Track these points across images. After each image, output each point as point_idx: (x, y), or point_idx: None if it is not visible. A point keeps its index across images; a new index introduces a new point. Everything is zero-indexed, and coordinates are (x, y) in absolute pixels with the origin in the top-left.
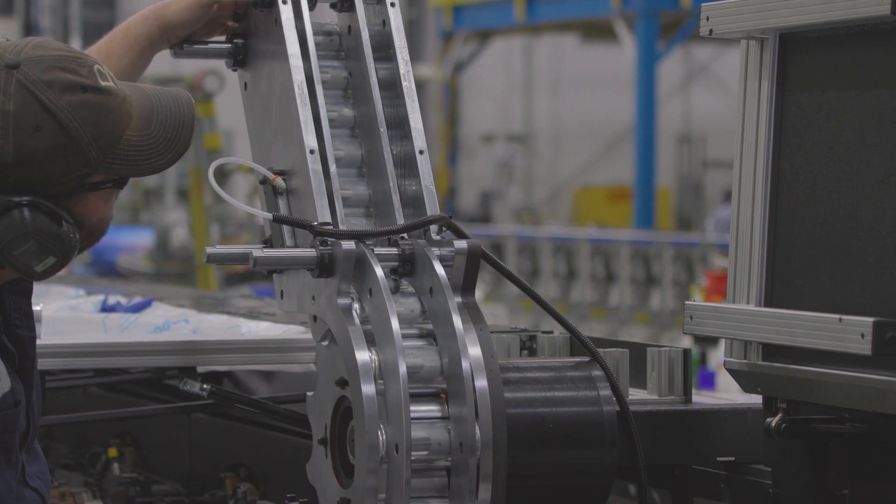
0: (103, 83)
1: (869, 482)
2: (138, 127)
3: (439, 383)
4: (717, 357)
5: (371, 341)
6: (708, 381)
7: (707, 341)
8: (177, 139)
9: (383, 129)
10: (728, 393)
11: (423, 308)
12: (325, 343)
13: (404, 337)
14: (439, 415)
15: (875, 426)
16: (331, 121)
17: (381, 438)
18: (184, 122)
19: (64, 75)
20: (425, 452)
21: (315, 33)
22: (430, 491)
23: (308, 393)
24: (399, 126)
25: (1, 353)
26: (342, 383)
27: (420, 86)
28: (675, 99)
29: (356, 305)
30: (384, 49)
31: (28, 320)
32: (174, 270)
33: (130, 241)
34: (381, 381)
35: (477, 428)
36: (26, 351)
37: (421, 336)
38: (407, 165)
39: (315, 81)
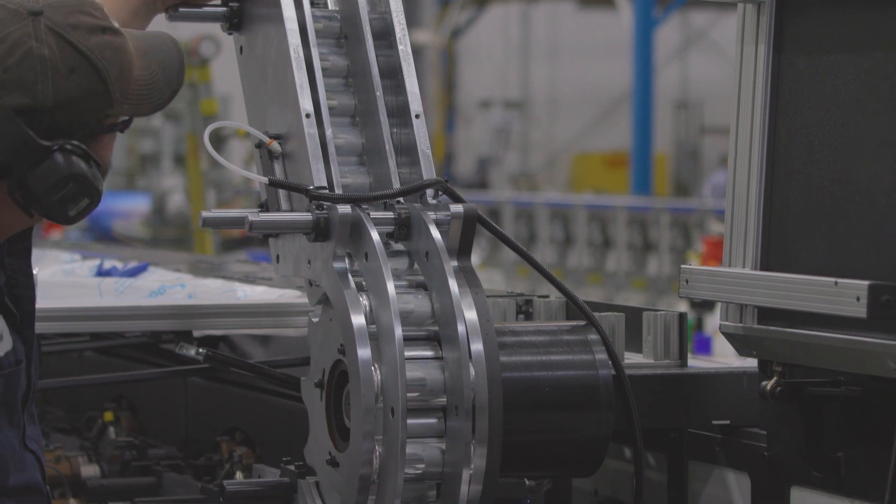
0: (115, 24)
1: (863, 445)
2: (140, 66)
3: (431, 326)
4: (714, 322)
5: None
6: (704, 347)
7: (703, 307)
8: (172, 76)
9: (377, 78)
10: (724, 358)
11: (411, 262)
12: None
13: (397, 289)
14: (433, 356)
15: (870, 389)
16: (324, 70)
17: (374, 379)
18: (175, 59)
19: (85, 18)
20: (420, 394)
21: None
22: (427, 432)
23: (302, 378)
24: (392, 76)
25: (2, 312)
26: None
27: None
28: (673, 65)
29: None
30: (381, 26)
31: (27, 280)
32: (170, 236)
33: (126, 207)
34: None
35: (473, 392)
36: (25, 310)
37: (411, 286)
38: (400, 115)
39: (311, 45)
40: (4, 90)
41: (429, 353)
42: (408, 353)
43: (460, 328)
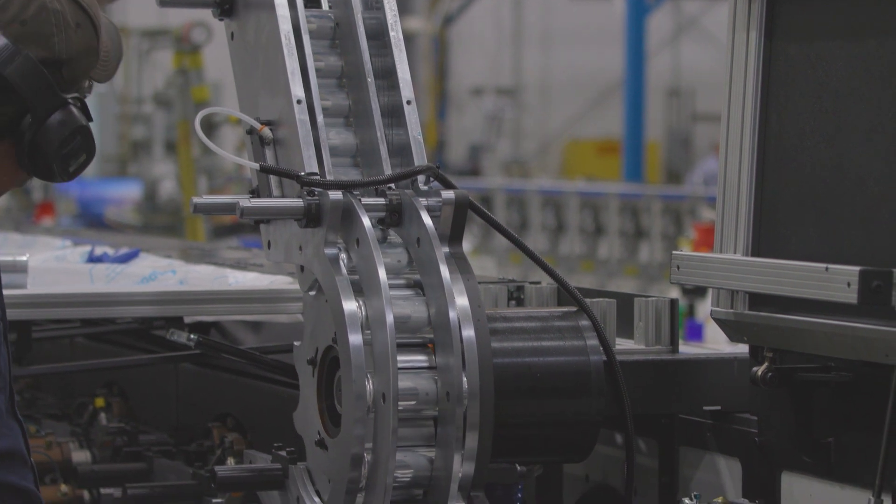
0: None
1: (854, 430)
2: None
3: (427, 333)
4: (705, 309)
5: (358, 291)
6: (696, 333)
7: (695, 293)
8: (118, 50)
9: (371, 79)
10: (716, 345)
11: (410, 258)
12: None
13: (391, 287)
14: (426, 365)
15: (860, 374)
16: (318, 70)
17: (368, 388)
18: (116, 35)
19: None
20: (412, 402)
21: None
22: (416, 440)
23: (295, 342)
24: (387, 76)
25: None
26: (313, 363)
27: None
28: (665, 52)
29: (343, 255)
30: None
31: None
32: (162, 223)
33: (118, 194)
34: (369, 332)
35: (464, 377)
36: None
37: (408, 286)
38: (394, 116)
39: (302, 31)
40: (24, 43)
41: (422, 359)
42: (401, 359)
43: (451, 314)
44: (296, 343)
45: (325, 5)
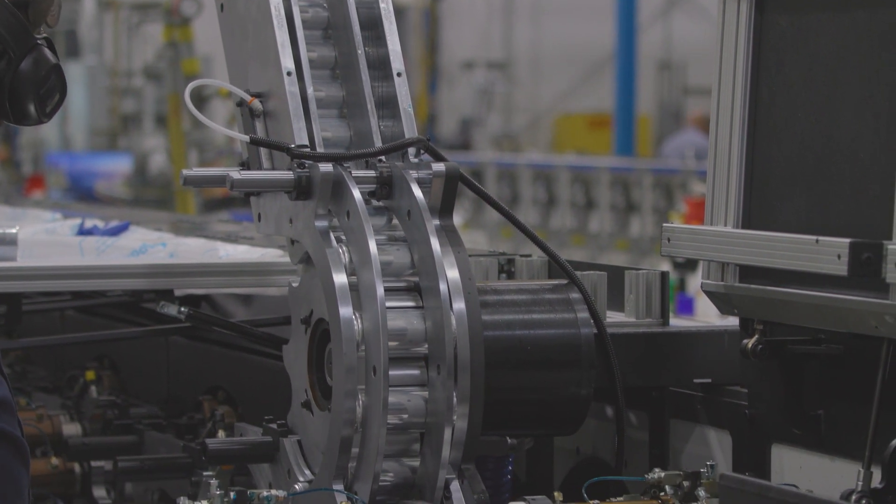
0: None
1: (844, 403)
2: None
3: (410, 276)
4: (696, 283)
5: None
6: (686, 307)
7: (686, 267)
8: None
9: (361, 51)
10: (706, 318)
11: (389, 217)
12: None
13: (377, 243)
14: (414, 305)
15: (850, 347)
16: (308, 44)
17: (356, 326)
18: None
19: None
20: (401, 342)
21: None
22: (409, 381)
23: (293, 283)
24: (377, 47)
25: None
26: (307, 321)
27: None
28: (656, 26)
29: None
30: None
31: None
32: (152, 196)
33: (108, 168)
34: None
35: (455, 350)
36: None
37: (391, 240)
38: (384, 86)
39: (292, 3)
40: None
41: (410, 304)
42: (389, 304)
43: (442, 287)
44: (285, 347)
45: None
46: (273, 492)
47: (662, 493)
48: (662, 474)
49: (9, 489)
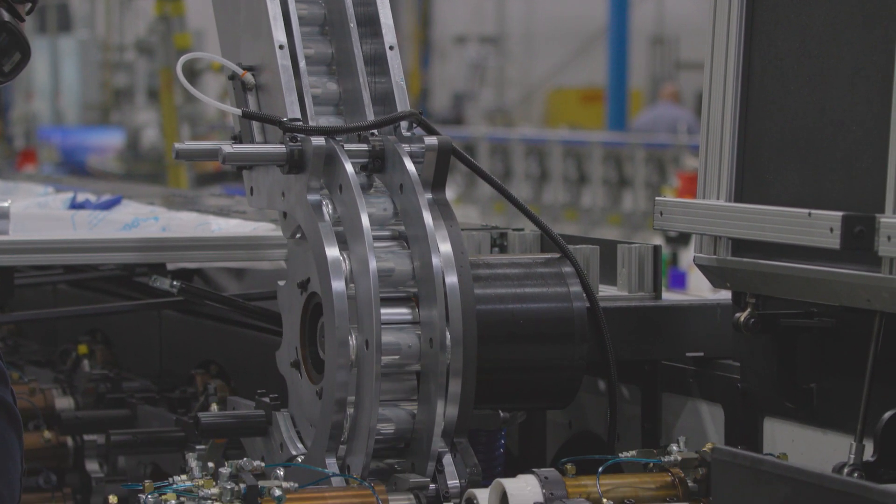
0: None
1: (836, 376)
2: None
3: (410, 287)
4: (688, 257)
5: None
6: (679, 282)
7: (678, 242)
8: None
9: (353, 25)
10: (699, 293)
11: (395, 209)
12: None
13: (375, 238)
14: (410, 318)
15: (842, 320)
16: (300, 17)
17: (351, 344)
18: None
19: None
20: (396, 357)
21: None
22: (399, 394)
23: (279, 282)
24: (369, 24)
25: None
26: (303, 285)
27: None
28: (649, 0)
29: (329, 209)
30: None
31: None
32: (145, 171)
33: (100, 142)
34: (353, 286)
35: (447, 324)
36: None
37: (392, 238)
38: (377, 64)
39: None
40: None
41: (405, 311)
42: (384, 311)
43: (435, 261)
44: (280, 283)
45: None
46: (285, 483)
47: (675, 468)
48: (679, 458)
49: (1, 452)
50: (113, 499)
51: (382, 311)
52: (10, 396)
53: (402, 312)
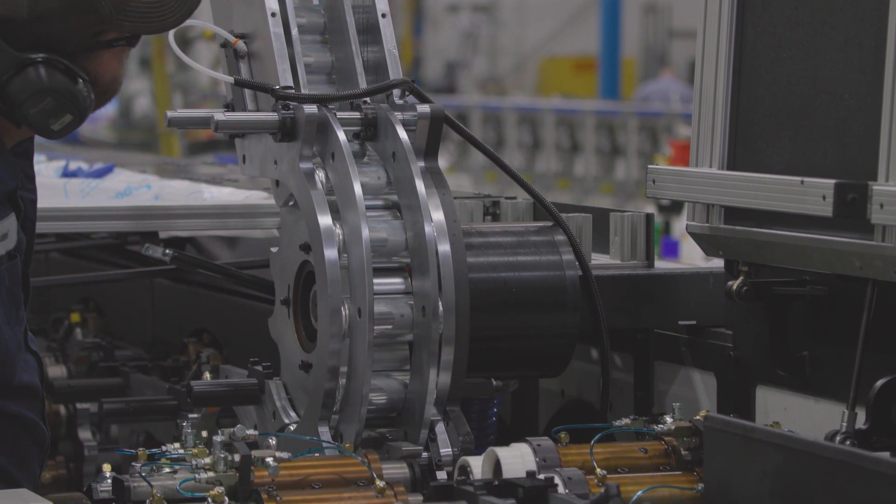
0: None
1: (828, 344)
2: None
3: (403, 257)
4: (681, 226)
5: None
6: (671, 250)
7: (671, 211)
8: None
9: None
10: (692, 261)
11: (388, 178)
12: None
13: (368, 208)
14: (402, 289)
15: (835, 288)
16: None
17: (344, 314)
18: None
19: None
20: (389, 326)
21: None
22: (392, 364)
23: (272, 248)
24: None
25: (14, 209)
26: (306, 248)
27: None
28: None
29: (321, 175)
30: None
31: (30, 183)
32: (137, 140)
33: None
34: (345, 255)
35: (440, 292)
36: (27, 213)
37: (386, 207)
38: (370, 32)
39: None
40: None
41: (398, 281)
42: (375, 265)
43: (427, 229)
44: (273, 249)
45: None
46: (278, 453)
47: (668, 437)
48: (673, 426)
49: (11, 460)
50: (107, 467)
51: (375, 281)
52: (40, 414)
53: (394, 282)
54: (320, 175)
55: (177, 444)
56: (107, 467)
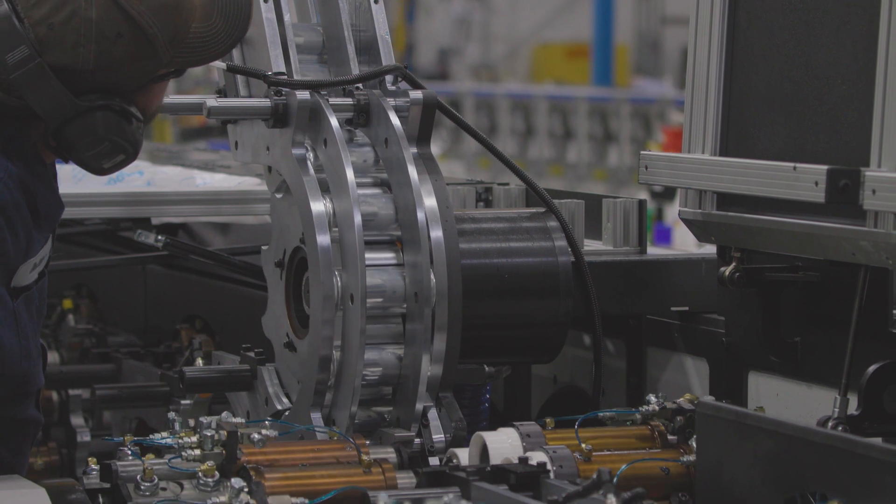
0: None
1: (821, 330)
2: (201, 18)
3: (394, 230)
4: (674, 213)
5: (326, 191)
6: (664, 237)
7: (663, 197)
8: (235, 26)
9: None
10: (684, 248)
11: (377, 156)
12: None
13: (359, 186)
14: (394, 262)
15: (827, 274)
16: None
17: (336, 284)
18: (241, 8)
19: None
20: (380, 300)
21: None
22: (385, 338)
23: (263, 247)
24: None
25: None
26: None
27: None
28: None
29: (311, 156)
30: None
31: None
32: None
33: None
34: (336, 229)
35: (432, 278)
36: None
37: (375, 184)
38: (362, 17)
39: None
40: (46, 47)
41: (390, 255)
42: (369, 256)
43: (419, 215)
44: (263, 247)
45: None
46: (265, 432)
47: (653, 421)
48: (657, 408)
49: (14, 454)
50: (92, 460)
51: (367, 255)
52: (34, 410)
53: (386, 257)
54: (310, 156)
55: (165, 434)
56: (92, 461)
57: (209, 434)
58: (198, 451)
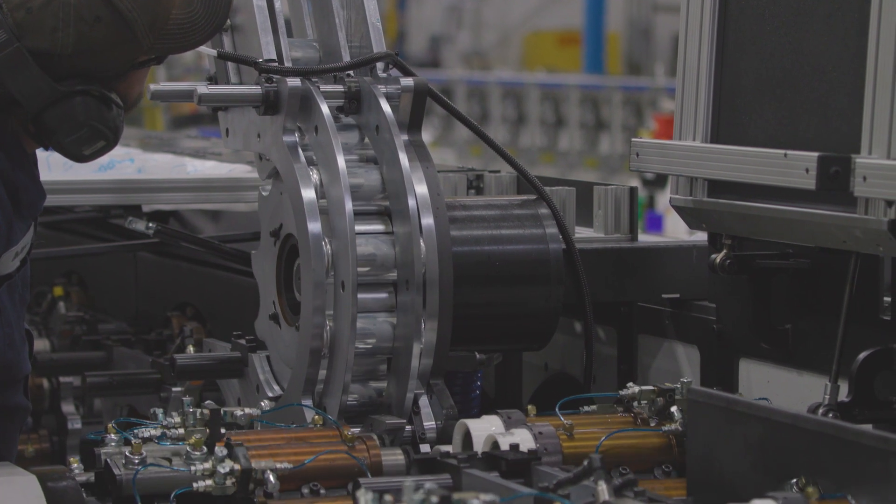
0: None
1: (811, 317)
2: (182, 4)
3: (381, 200)
4: (665, 200)
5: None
6: (655, 225)
7: (655, 185)
8: (216, 13)
9: None
10: (675, 236)
11: (361, 136)
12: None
13: (347, 163)
14: (382, 230)
15: (818, 261)
16: None
17: (325, 252)
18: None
19: None
20: (369, 268)
21: None
22: (376, 305)
23: (253, 252)
24: None
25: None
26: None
27: None
28: None
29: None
30: None
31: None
32: None
33: None
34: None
35: (423, 266)
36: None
37: (362, 161)
38: (353, 4)
39: None
40: (24, 31)
41: (379, 228)
42: (358, 228)
43: (410, 202)
44: (254, 252)
45: None
46: (248, 410)
47: (636, 405)
48: (637, 389)
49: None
50: (73, 461)
51: (357, 227)
52: (22, 397)
53: (376, 228)
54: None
55: (149, 425)
56: (74, 461)
57: (191, 410)
58: (181, 431)
